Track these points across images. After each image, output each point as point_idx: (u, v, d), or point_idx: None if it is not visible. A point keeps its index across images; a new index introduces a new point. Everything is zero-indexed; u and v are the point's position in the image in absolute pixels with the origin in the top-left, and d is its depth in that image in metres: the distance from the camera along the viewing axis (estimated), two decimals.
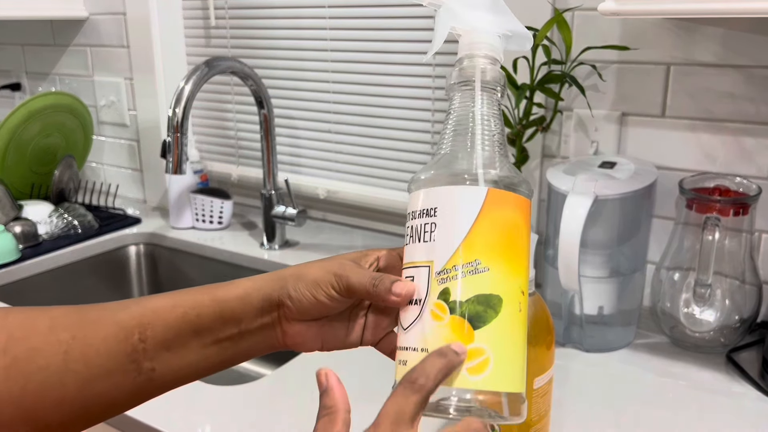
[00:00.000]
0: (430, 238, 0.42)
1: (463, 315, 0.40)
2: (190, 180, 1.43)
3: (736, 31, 0.91)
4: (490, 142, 0.43)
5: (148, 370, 0.47)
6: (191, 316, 0.47)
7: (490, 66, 0.45)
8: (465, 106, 0.45)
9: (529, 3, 1.02)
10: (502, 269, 0.41)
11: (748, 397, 0.81)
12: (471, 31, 0.46)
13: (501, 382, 0.40)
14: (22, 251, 1.29)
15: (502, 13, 0.46)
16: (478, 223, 0.41)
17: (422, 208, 0.43)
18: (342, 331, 0.51)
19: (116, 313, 0.47)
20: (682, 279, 0.91)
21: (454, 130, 0.44)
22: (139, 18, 1.48)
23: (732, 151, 0.94)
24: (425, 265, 0.42)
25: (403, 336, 0.43)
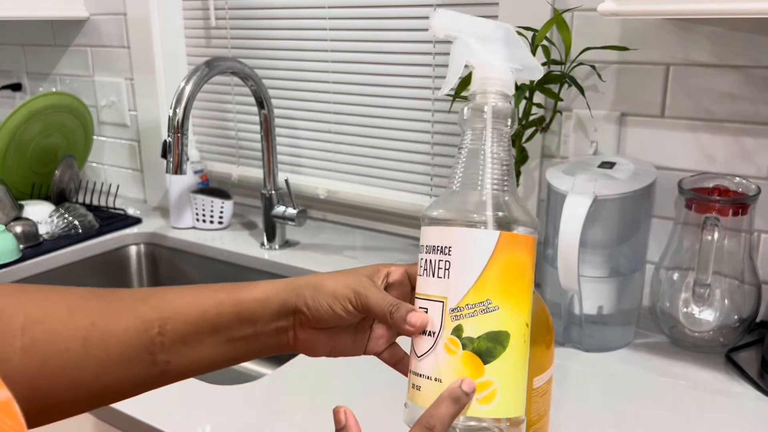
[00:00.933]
0: (444, 275, 0.45)
1: (474, 351, 0.45)
2: (191, 180, 1.43)
3: (735, 32, 0.91)
4: (499, 182, 0.46)
5: (162, 362, 0.49)
6: (211, 315, 0.49)
7: (501, 103, 0.47)
8: (476, 143, 0.47)
9: (529, 3, 1.02)
10: (510, 307, 0.45)
11: (748, 397, 0.81)
12: (484, 66, 0.47)
13: (506, 410, 0.45)
14: (23, 251, 1.29)
15: (515, 46, 0.48)
16: (489, 265, 0.45)
17: (437, 245, 0.46)
18: (349, 340, 0.53)
19: (137, 305, 0.49)
20: (682, 279, 0.91)
21: (465, 166, 0.47)
22: (140, 18, 1.48)
23: (731, 152, 0.95)
24: (439, 300, 0.46)
25: (416, 362, 0.47)
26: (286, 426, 0.76)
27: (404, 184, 1.30)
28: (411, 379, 0.47)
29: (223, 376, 1.28)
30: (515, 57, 0.48)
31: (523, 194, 1.11)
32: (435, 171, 1.26)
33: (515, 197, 0.47)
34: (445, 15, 0.47)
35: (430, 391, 0.45)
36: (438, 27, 0.48)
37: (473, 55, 0.47)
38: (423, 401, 0.45)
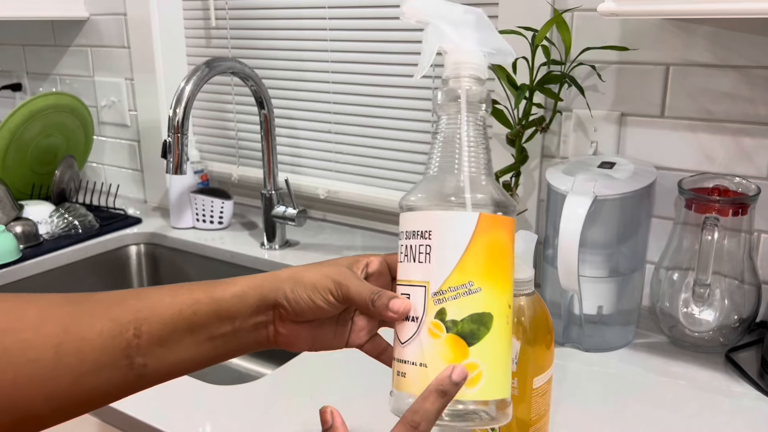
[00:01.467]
0: (425, 260, 0.45)
1: (458, 333, 0.44)
2: (191, 180, 1.43)
3: (735, 32, 0.91)
4: (476, 164, 0.46)
5: (140, 365, 0.47)
6: (188, 313, 0.48)
7: (475, 87, 0.47)
8: (452, 127, 0.47)
9: (529, 3, 1.02)
10: (492, 288, 0.45)
11: (748, 397, 0.81)
12: (456, 50, 0.48)
13: (492, 392, 0.45)
14: (23, 251, 1.29)
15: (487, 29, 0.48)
16: (470, 247, 0.44)
17: (417, 230, 0.46)
18: (330, 332, 0.53)
19: (111, 307, 0.47)
20: (682, 279, 0.91)
21: (442, 151, 0.47)
22: (140, 18, 1.48)
23: (731, 152, 0.95)
24: (421, 285, 0.45)
25: (400, 349, 0.46)
26: (286, 426, 0.76)
27: (404, 184, 1.31)
28: (395, 366, 0.47)
29: (223, 376, 1.28)
30: (487, 41, 0.48)
31: (523, 194, 1.11)
32: None
33: (492, 180, 0.47)
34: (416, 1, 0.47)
35: (415, 377, 0.45)
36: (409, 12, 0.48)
37: (445, 39, 0.47)
38: (408, 388, 0.45)
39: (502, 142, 1.08)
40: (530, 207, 1.11)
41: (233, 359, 1.31)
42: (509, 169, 1.00)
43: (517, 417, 0.66)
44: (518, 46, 0.99)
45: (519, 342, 0.63)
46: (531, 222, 1.12)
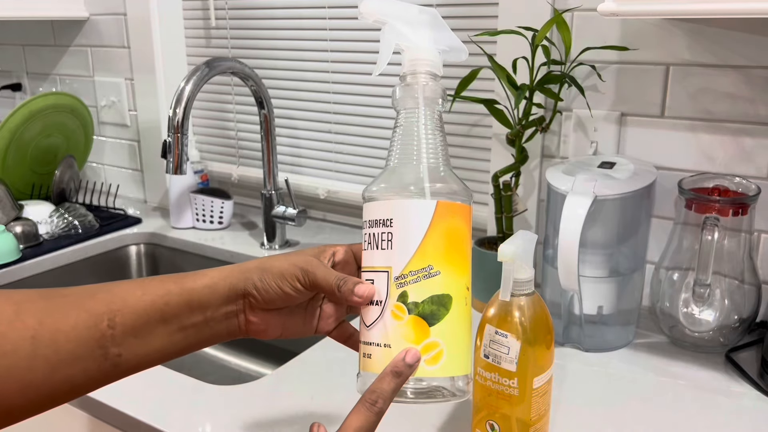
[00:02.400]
0: (387, 246, 0.48)
1: (419, 314, 0.47)
2: (191, 180, 1.43)
3: (735, 32, 0.91)
4: (434, 155, 0.49)
5: (114, 355, 0.48)
6: (160, 304, 0.50)
7: (431, 82, 0.50)
8: (410, 121, 0.50)
9: (529, 3, 1.02)
10: (451, 271, 0.48)
11: (748, 397, 0.81)
12: (413, 48, 0.50)
13: (452, 369, 0.48)
14: (23, 251, 1.29)
15: (441, 28, 0.50)
16: (429, 233, 0.47)
17: (379, 218, 0.48)
18: (299, 320, 0.55)
19: (85, 300, 0.48)
20: (682, 279, 0.91)
21: (401, 144, 0.50)
22: (140, 18, 1.48)
23: (731, 152, 0.95)
24: (384, 270, 0.48)
25: (366, 332, 0.49)
26: (286, 426, 0.76)
27: None
28: (362, 349, 0.49)
29: (223, 376, 1.28)
30: (442, 39, 0.50)
31: (523, 194, 1.11)
32: None
33: (449, 170, 0.50)
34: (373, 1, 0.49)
35: (380, 357, 0.47)
36: (367, 12, 0.49)
37: (402, 38, 0.49)
38: (374, 368, 0.48)
39: (502, 142, 1.08)
40: (530, 207, 1.11)
41: (233, 359, 1.31)
42: (509, 169, 1.00)
43: (517, 417, 0.66)
44: (518, 46, 0.99)
45: (519, 342, 0.63)
46: (531, 222, 1.12)
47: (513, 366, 0.64)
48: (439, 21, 0.50)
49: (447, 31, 0.50)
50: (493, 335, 0.65)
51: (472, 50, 1.13)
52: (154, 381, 0.85)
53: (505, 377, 0.64)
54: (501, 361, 0.64)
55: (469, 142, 1.20)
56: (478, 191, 1.22)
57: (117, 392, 0.82)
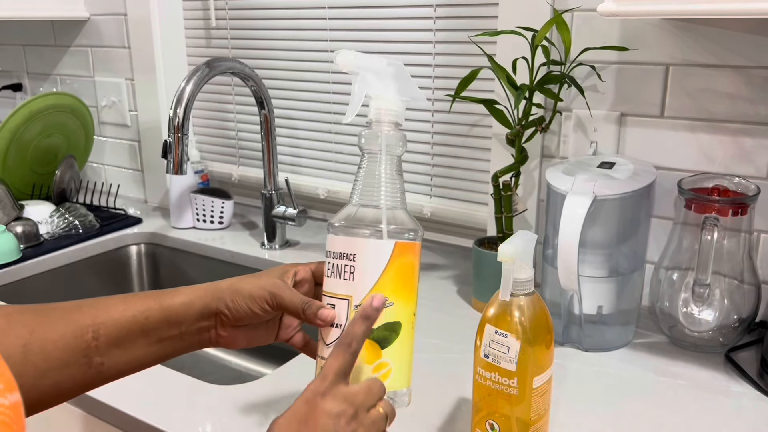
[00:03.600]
0: (350, 278, 0.54)
1: (374, 339, 0.54)
2: (191, 180, 1.43)
3: (734, 32, 0.91)
4: (393, 198, 0.56)
5: (98, 363, 0.54)
6: (140, 319, 0.56)
7: (393, 132, 0.57)
8: (373, 164, 0.56)
9: (529, 4, 1.02)
10: (402, 302, 0.55)
11: (747, 397, 0.81)
12: (379, 98, 0.56)
13: (397, 384, 0.55)
14: (23, 251, 1.29)
15: (405, 80, 0.57)
16: (387, 269, 0.54)
17: (343, 252, 0.55)
18: (263, 332, 0.62)
19: (71, 313, 0.54)
20: (681, 279, 0.91)
21: (364, 185, 0.56)
22: (140, 19, 1.48)
23: (731, 152, 0.95)
24: (345, 298, 0.55)
25: (325, 349, 0.56)
26: None
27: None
28: (319, 363, 0.57)
29: (223, 376, 1.28)
30: (405, 90, 0.57)
31: (523, 194, 1.11)
32: (435, 171, 1.26)
33: (405, 210, 0.56)
34: (348, 54, 0.55)
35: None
36: (342, 64, 0.56)
37: (371, 88, 0.56)
38: None
39: (502, 142, 1.08)
40: (530, 207, 1.11)
41: (233, 359, 1.31)
42: (509, 169, 1.00)
43: (517, 417, 0.66)
44: (518, 46, 0.99)
45: (519, 342, 0.63)
46: (531, 222, 1.12)
47: (513, 366, 0.64)
48: (404, 72, 0.57)
49: (410, 83, 0.57)
50: (493, 335, 0.65)
51: (472, 50, 1.14)
52: (154, 381, 0.85)
53: (505, 377, 0.64)
54: (501, 361, 0.64)
55: (469, 142, 1.21)
56: (478, 191, 1.22)
57: (118, 392, 0.82)
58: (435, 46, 1.19)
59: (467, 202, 1.24)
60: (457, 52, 1.17)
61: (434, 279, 1.15)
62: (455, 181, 1.24)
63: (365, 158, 0.57)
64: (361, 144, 0.57)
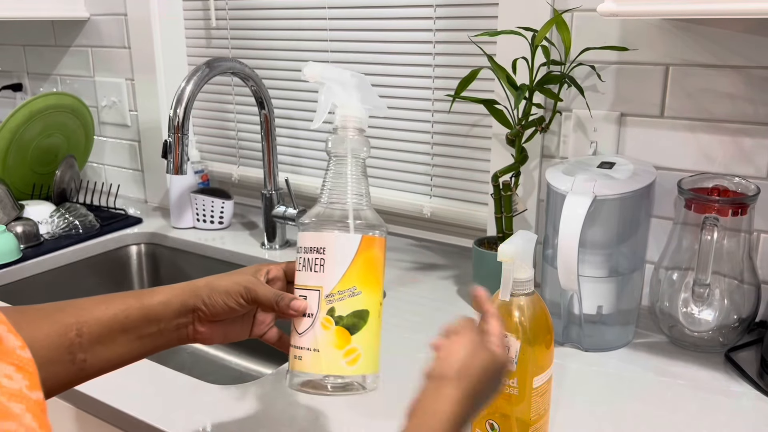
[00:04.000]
0: (320, 270, 0.58)
1: (344, 326, 0.57)
2: (191, 180, 1.43)
3: (734, 32, 0.91)
4: (358, 197, 0.60)
5: (81, 360, 0.56)
6: (121, 317, 0.58)
7: (357, 137, 0.61)
8: (339, 167, 0.60)
9: (529, 4, 1.02)
10: (369, 291, 0.58)
11: (747, 397, 0.81)
12: (344, 106, 0.61)
13: (367, 368, 0.59)
14: (24, 251, 1.29)
15: (367, 90, 0.62)
16: (354, 261, 0.58)
17: (313, 246, 0.58)
18: (239, 327, 0.64)
19: (54, 314, 0.56)
20: (681, 279, 0.91)
21: (331, 185, 0.60)
22: (140, 19, 1.48)
23: (730, 152, 0.95)
24: (316, 289, 0.58)
25: (297, 338, 0.59)
26: (286, 426, 0.76)
27: (404, 184, 1.31)
28: (293, 352, 0.59)
29: (223, 376, 1.28)
30: (367, 99, 0.61)
31: (523, 194, 1.11)
32: (435, 171, 1.26)
33: (370, 207, 0.61)
34: (315, 66, 0.60)
35: (309, 359, 0.58)
36: (309, 75, 0.60)
37: (336, 97, 0.60)
38: (304, 368, 0.58)
39: (502, 142, 1.08)
40: (530, 207, 1.11)
41: (233, 359, 1.31)
42: (509, 169, 1.00)
43: (517, 417, 0.66)
44: (518, 46, 0.99)
45: (519, 342, 0.63)
46: (531, 222, 1.12)
47: (513, 366, 0.64)
48: (366, 83, 0.61)
49: (371, 93, 0.62)
50: None
51: (472, 50, 1.14)
52: (155, 381, 0.85)
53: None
54: None
55: (469, 142, 1.21)
56: (478, 191, 1.22)
57: (118, 392, 0.82)
58: (435, 46, 1.20)
59: (467, 202, 1.24)
60: (457, 52, 1.18)
61: (434, 279, 1.15)
62: (455, 181, 1.24)
63: (332, 161, 0.61)
64: (328, 148, 0.61)
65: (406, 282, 1.14)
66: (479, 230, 1.22)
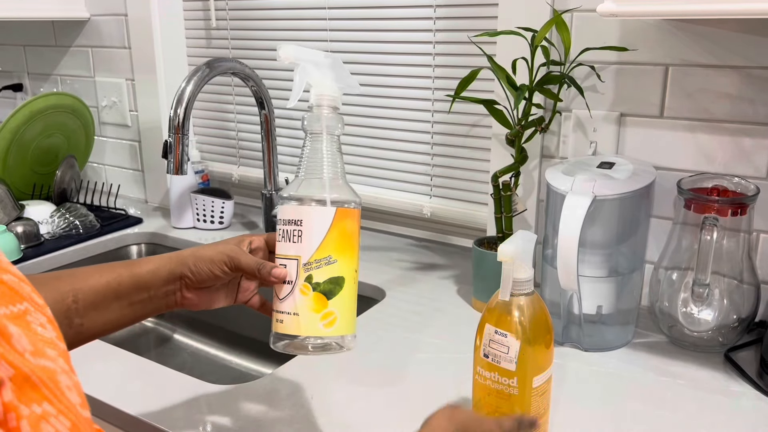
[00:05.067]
0: (298, 240, 0.62)
1: (321, 291, 0.61)
2: (191, 180, 1.43)
3: (734, 32, 0.91)
4: (333, 171, 0.63)
5: (77, 324, 0.61)
6: (114, 285, 0.63)
7: (331, 114, 0.63)
8: (315, 144, 0.63)
9: (529, 4, 1.02)
10: (344, 259, 0.62)
11: (747, 396, 0.81)
12: (319, 85, 0.63)
13: (343, 330, 0.63)
14: (24, 251, 1.29)
15: (340, 69, 0.64)
16: (329, 232, 0.61)
17: (291, 218, 0.62)
18: (224, 294, 0.69)
19: (51, 282, 0.61)
20: (681, 278, 0.92)
21: (308, 161, 0.63)
22: (141, 19, 1.48)
23: (730, 152, 0.95)
24: (295, 258, 0.62)
25: (278, 303, 0.63)
26: (286, 426, 0.76)
27: (404, 184, 1.31)
28: (275, 316, 0.63)
29: (223, 376, 1.28)
30: (341, 78, 0.64)
31: (523, 194, 1.11)
32: (434, 171, 1.26)
33: (345, 182, 0.64)
34: (288, 47, 0.62)
35: (290, 322, 0.62)
36: (284, 56, 0.62)
37: (311, 77, 0.63)
38: (285, 330, 0.62)
39: (502, 142, 1.08)
40: (530, 207, 1.11)
41: (233, 359, 1.31)
42: (509, 169, 1.00)
43: None
44: (518, 46, 0.99)
45: (518, 341, 0.64)
46: (530, 222, 1.12)
47: (512, 365, 0.64)
48: (339, 63, 0.64)
49: (345, 72, 0.64)
50: (493, 335, 0.65)
51: (471, 51, 1.14)
52: (155, 381, 0.85)
53: (505, 377, 0.65)
54: (500, 361, 0.64)
55: (469, 142, 1.21)
56: (478, 191, 1.22)
57: (118, 391, 0.82)
58: (435, 46, 1.20)
59: (467, 202, 1.24)
60: (457, 52, 1.18)
61: (434, 279, 1.16)
62: (455, 181, 1.25)
63: (308, 138, 0.63)
64: (304, 126, 0.63)
65: (406, 282, 1.14)
66: (479, 230, 1.22)
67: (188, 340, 1.38)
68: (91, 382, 0.84)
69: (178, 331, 1.40)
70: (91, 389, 0.82)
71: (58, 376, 0.32)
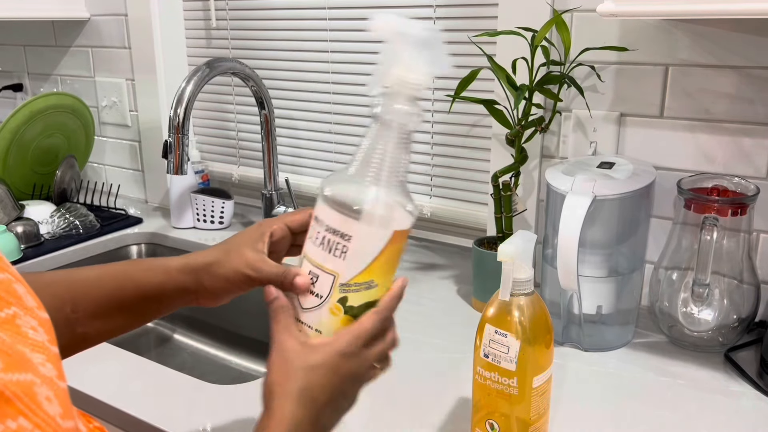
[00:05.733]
0: (340, 256, 0.53)
1: (352, 315, 0.55)
2: (191, 180, 1.43)
3: (734, 32, 0.91)
4: (397, 180, 0.53)
5: (80, 333, 0.58)
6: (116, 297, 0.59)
7: (408, 106, 0.52)
8: (381, 137, 0.53)
9: (529, 4, 1.02)
10: (384, 282, 0.56)
11: (747, 396, 0.81)
12: (403, 66, 0.51)
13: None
14: (24, 251, 1.29)
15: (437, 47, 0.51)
16: (379, 256, 0.53)
17: (338, 229, 0.53)
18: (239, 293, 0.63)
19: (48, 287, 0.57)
20: (681, 278, 0.92)
21: (368, 155, 0.53)
22: (141, 19, 1.48)
23: (730, 152, 0.95)
24: (331, 274, 0.54)
25: (300, 312, 0.56)
26: None
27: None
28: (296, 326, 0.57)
29: (223, 376, 1.29)
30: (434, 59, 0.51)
31: (523, 194, 1.11)
32: (435, 171, 1.26)
33: (405, 188, 0.54)
34: (381, 18, 0.51)
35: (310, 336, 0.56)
36: (376, 28, 0.51)
37: (398, 55, 0.51)
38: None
39: (502, 142, 1.08)
40: (530, 207, 1.11)
41: (233, 359, 1.31)
42: (509, 169, 1.00)
43: (517, 416, 0.66)
44: (518, 46, 0.99)
45: (518, 341, 0.64)
46: (530, 222, 1.12)
47: (512, 365, 0.64)
48: (438, 40, 0.51)
49: (441, 50, 0.51)
50: (493, 335, 0.65)
51: (471, 51, 1.14)
52: (155, 381, 0.85)
53: (505, 376, 0.65)
54: (500, 361, 0.64)
55: (469, 142, 1.21)
56: (478, 191, 1.22)
57: (118, 392, 0.82)
58: None
59: (467, 202, 1.24)
60: (457, 52, 1.18)
61: (434, 279, 1.16)
62: (455, 181, 1.25)
63: (375, 125, 0.53)
64: (374, 112, 0.53)
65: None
66: (479, 230, 1.22)
67: (188, 340, 1.38)
68: (91, 382, 0.84)
69: (178, 331, 1.40)
70: (91, 389, 0.82)
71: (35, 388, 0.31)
